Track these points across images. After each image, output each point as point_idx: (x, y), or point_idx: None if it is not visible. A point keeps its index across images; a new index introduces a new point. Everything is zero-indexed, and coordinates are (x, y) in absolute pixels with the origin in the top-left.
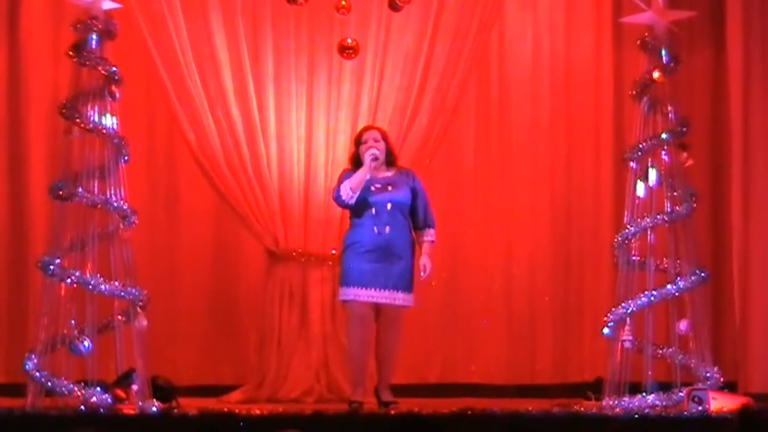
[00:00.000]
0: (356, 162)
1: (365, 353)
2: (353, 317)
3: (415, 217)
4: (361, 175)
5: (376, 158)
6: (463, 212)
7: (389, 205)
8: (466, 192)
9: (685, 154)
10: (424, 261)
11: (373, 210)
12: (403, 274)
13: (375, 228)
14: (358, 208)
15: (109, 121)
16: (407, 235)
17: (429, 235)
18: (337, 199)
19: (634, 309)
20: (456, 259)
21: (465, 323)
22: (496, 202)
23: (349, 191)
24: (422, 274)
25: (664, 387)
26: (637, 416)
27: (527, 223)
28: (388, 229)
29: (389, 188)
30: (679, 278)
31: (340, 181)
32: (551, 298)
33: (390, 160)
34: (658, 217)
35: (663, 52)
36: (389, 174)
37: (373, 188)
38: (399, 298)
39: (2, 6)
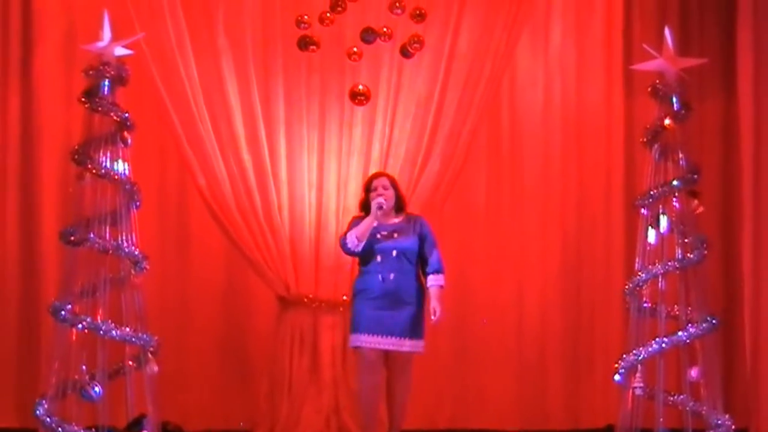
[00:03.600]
0: (366, 208)
1: (376, 399)
2: (363, 363)
3: (424, 262)
4: (367, 223)
5: (381, 207)
6: (474, 257)
7: (394, 252)
8: (478, 237)
9: (696, 201)
10: (434, 305)
11: (379, 258)
12: (411, 321)
13: (380, 276)
14: (366, 256)
15: (121, 166)
16: (414, 281)
17: (438, 280)
18: (344, 246)
19: (646, 356)
20: (467, 303)
21: (475, 367)
22: (507, 248)
23: (354, 239)
24: (432, 317)
25: None
26: None
27: (538, 269)
28: (392, 276)
29: (395, 235)
30: (690, 325)
31: (350, 228)
32: (562, 343)
33: (399, 207)
34: (669, 263)
35: (674, 99)
36: (397, 221)
37: (379, 236)
38: (406, 344)
39: (15, 52)
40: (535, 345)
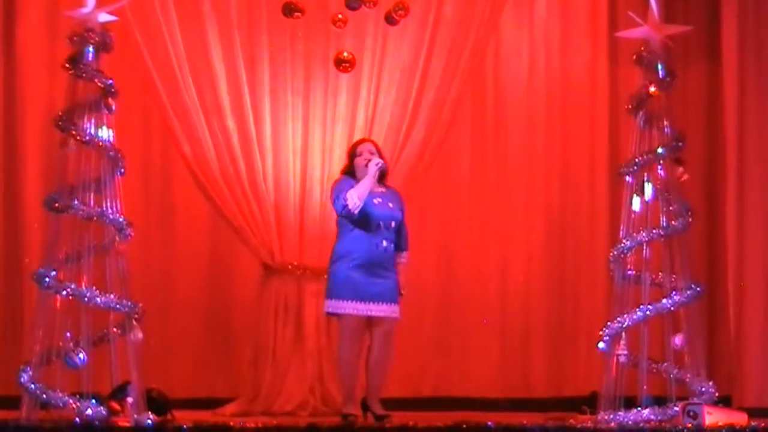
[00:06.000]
0: (349, 174)
1: (357, 367)
2: (346, 331)
3: (398, 238)
4: (367, 183)
5: (383, 167)
6: (458, 226)
7: (393, 223)
8: (462, 206)
9: (680, 169)
10: (403, 282)
11: (381, 224)
12: (393, 288)
13: (384, 242)
14: (359, 220)
15: (105, 133)
16: (394, 251)
17: (404, 257)
18: (343, 207)
19: (630, 323)
20: (451, 272)
21: (459, 336)
22: (492, 216)
23: (356, 200)
24: (401, 293)
25: (659, 401)
26: (632, 431)
27: (522, 237)
28: (385, 243)
29: (390, 205)
30: (674, 293)
31: (335, 190)
32: (546, 311)
33: (382, 176)
34: (654, 231)
35: (659, 67)
36: (383, 190)
37: (375, 202)
38: (394, 310)
39: None
40: (519, 313)
